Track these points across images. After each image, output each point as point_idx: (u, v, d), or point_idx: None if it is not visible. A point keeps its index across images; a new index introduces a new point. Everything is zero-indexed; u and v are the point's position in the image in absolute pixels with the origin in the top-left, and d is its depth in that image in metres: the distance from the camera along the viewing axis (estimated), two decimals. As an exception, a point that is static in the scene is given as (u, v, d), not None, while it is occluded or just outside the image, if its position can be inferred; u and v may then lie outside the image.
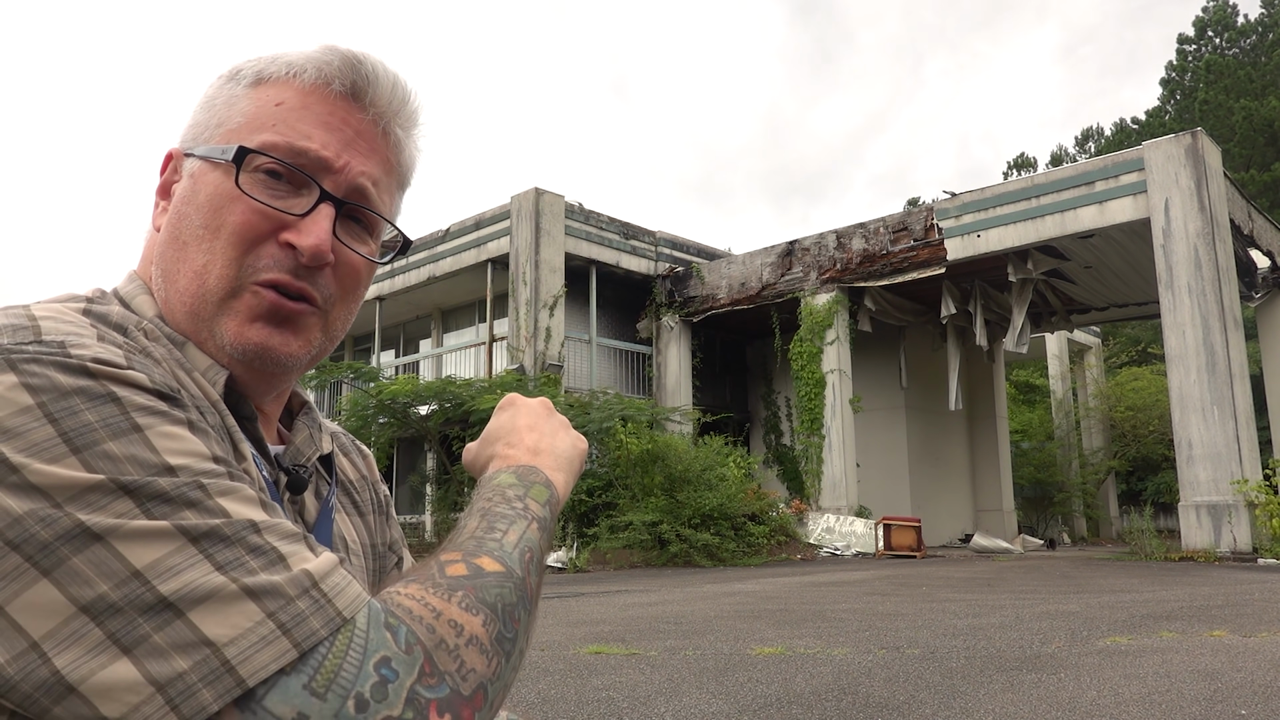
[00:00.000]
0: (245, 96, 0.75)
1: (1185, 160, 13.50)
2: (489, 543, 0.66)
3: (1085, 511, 23.43)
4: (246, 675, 0.49)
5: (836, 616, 6.59)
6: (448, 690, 0.54)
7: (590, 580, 10.76)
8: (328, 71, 0.75)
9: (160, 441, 0.55)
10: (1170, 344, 13.45)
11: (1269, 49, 36.98)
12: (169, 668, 0.48)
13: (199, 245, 0.71)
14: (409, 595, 0.58)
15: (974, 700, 3.72)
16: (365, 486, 0.93)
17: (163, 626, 0.49)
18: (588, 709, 3.68)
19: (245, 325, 0.71)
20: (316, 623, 0.53)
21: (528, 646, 0.65)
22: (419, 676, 0.53)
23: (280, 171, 0.72)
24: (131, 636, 0.49)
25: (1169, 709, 3.50)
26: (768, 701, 3.75)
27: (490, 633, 0.59)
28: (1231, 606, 6.74)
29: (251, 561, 0.53)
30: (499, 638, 0.59)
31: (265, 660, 0.50)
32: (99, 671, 0.48)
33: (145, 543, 0.51)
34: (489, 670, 0.58)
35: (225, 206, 0.71)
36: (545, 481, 0.78)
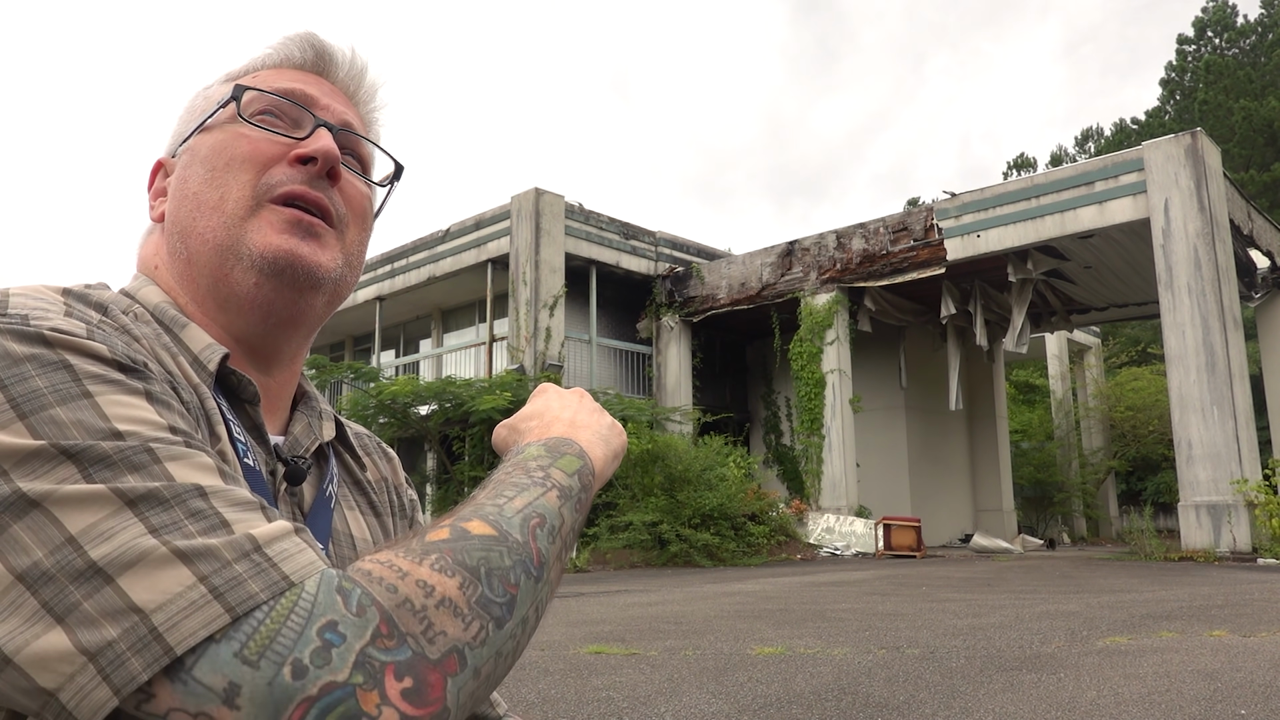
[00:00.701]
0: (219, 88, 0.79)
1: (1185, 160, 13.50)
2: (486, 508, 0.61)
3: (1085, 511, 23.43)
4: (174, 643, 0.46)
5: (836, 616, 6.59)
6: (409, 653, 0.49)
7: (590, 580, 10.76)
8: (288, 49, 0.81)
9: (111, 408, 0.53)
10: (1170, 344, 13.45)
11: (1268, 49, 36.97)
12: (99, 636, 0.46)
13: (211, 185, 0.74)
14: (375, 560, 0.54)
15: (974, 700, 3.72)
16: (386, 489, 0.90)
17: (93, 593, 0.47)
18: (588, 709, 3.68)
19: (271, 235, 0.72)
20: (255, 586, 0.49)
21: (535, 616, 0.59)
22: (372, 639, 0.49)
23: (273, 110, 0.76)
24: (63, 605, 0.47)
25: (1169, 709, 3.50)
26: (768, 701, 3.75)
27: (469, 595, 0.53)
28: (1231, 606, 6.74)
29: (189, 525, 0.50)
30: (482, 600, 0.54)
31: (194, 626, 0.47)
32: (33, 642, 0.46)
33: (80, 507, 0.49)
34: (466, 634, 0.52)
35: (229, 145, 0.74)
36: (579, 452, 0.73)
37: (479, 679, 0.53)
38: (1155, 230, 13.66)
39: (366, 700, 0.47)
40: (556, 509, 0.64)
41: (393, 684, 0.48)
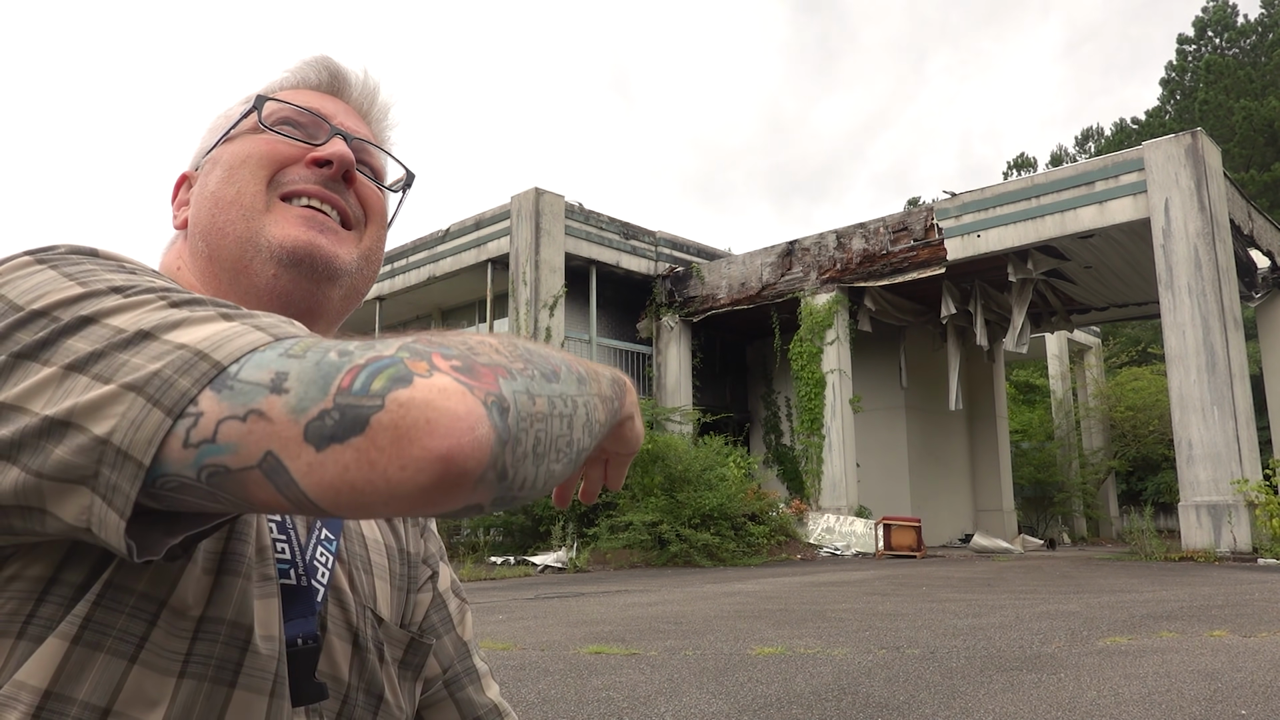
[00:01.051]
0: (241, 105, 0.82)
1: (1185, 160, 13.50)
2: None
3: (1085, 511, 23.43)
4: (221, 357, 0.47)
5: (836, 616, 6.59)
6: (456, 351, 0.47)
7: (590, 580, 10.76)
8: (305, 72, 0.84)
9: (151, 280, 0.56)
10: (1170, 344, 13.45)
11: (1269, 49, 36.97)
12: (144, 373, 0.47)
13: (228, 183, 0.76)
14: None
15: (974, 700, 3.72)
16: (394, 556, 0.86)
17: (140, 350, 0.48)
18: (588, 709, 3.68)
19: (290, 228, 0.74)
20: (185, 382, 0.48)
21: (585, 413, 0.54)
22: (412, 339, 0.48)
23: (292, 120, 0.79)
24: (112, 368, 0.48)
25: (1169, 709, 3.50)
26: (768, 701, 3.75)
27: (508, 351, 0.51)
28: (1231, 606, 6.74)
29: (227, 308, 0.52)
30: (524, 355, 0.51)
31: (241, 344, 0.47)
32: (83, 399, 0.47)
33: (132, 311, 0.51)
34: (512, 363, 0.49)
35: (249, 148, 0.77)
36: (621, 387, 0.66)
37: (533, 405, 0.48)
38: (1155, 230, 13.66)
39: (416, 365, 0.45)
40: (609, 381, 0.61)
41: (441, 360, 0.46)
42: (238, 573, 0.60)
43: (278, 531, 0.67)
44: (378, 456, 0.43)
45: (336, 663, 0.68)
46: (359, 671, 0.70)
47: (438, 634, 0.84)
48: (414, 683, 0.77)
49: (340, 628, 0.70)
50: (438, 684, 0.83)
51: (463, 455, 0.43)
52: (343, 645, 0.69)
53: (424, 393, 0.43)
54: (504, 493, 0.46)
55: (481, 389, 0.45)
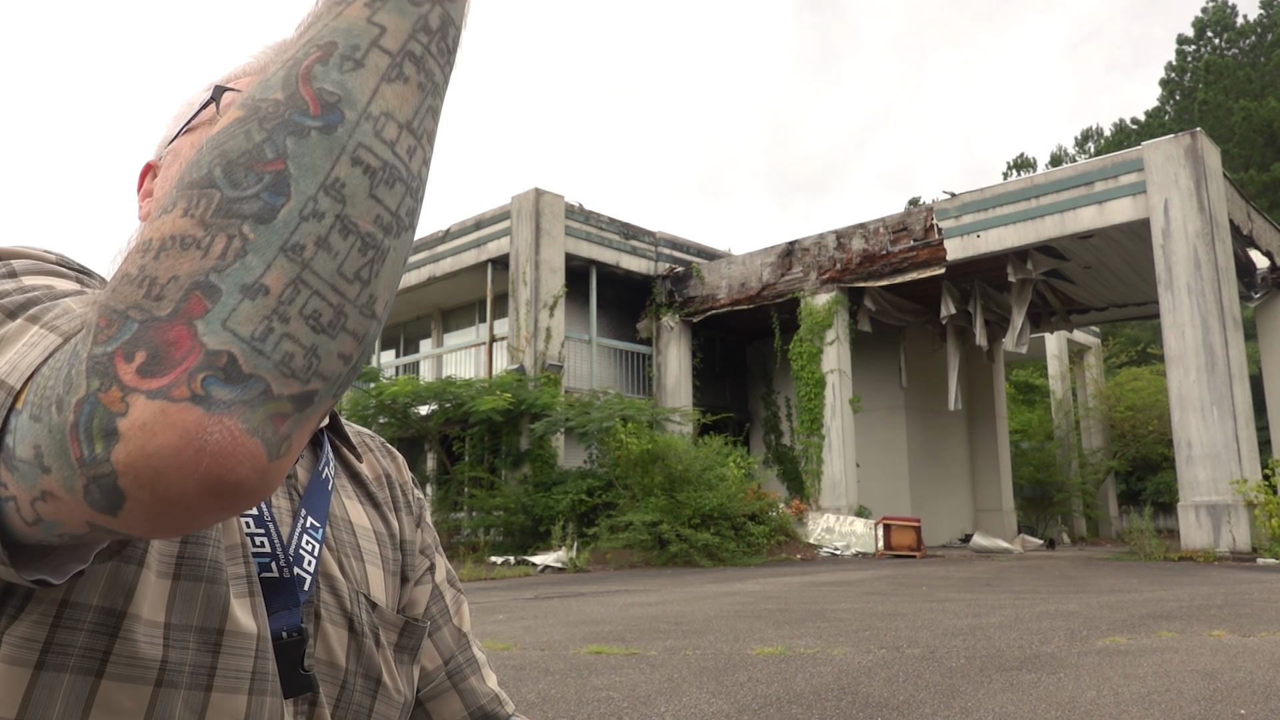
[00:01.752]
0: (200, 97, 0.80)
1: (1185, 160, 13.50)
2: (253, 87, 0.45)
3: (1085, 511, 23.43)
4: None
5: (836, 616, 6.59)
6: (135, 326, 0.40)
7: (590, 580, 10.76)
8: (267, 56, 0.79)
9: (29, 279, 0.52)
10: (1170, 344, 13.45)
11: (1268, 49, 36.98)
12: None
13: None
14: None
15: (974, 700, 3.72)
16: (386, 485, 0.88)
17: None
18: (588, 709, 3.69)
19: None
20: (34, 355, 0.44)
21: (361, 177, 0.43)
22: (94, 337, 0.41)
23: None
24: None
25: (1169, 709, 3.51)
26: (768, 701, 3.75)
27: (199, 214, 0.41)
28: (1231, 606, 6.74)
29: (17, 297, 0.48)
30: (222, 207, 0.41)
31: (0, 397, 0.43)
32: None
33: None
34: (207, 261, 0.41)
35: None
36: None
37: (268, 294, 0.41)
38: (1155, 230, 13.66)
39: (110, 400, 0.40)
40: (362, 22, 0.45)
41: (125, 368, 0.40)
42: (199, 577, 0.59)
43: (255, 525, 0.66)
44: (156, 511, 0.40)
45: (333, 649, 0.68)
46: (356, 656, 0.70)
47: (437, 626, 0.83)
48: (411, 665, 0.77)
49: (334, 614, 0.69)
50: (440, 675, 0.83)
51: (214, 474, 0.39)
52: (338, 631, 0.69)
53: (134, 442, 0.39)
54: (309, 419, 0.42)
55: (179, 381, 0.40)
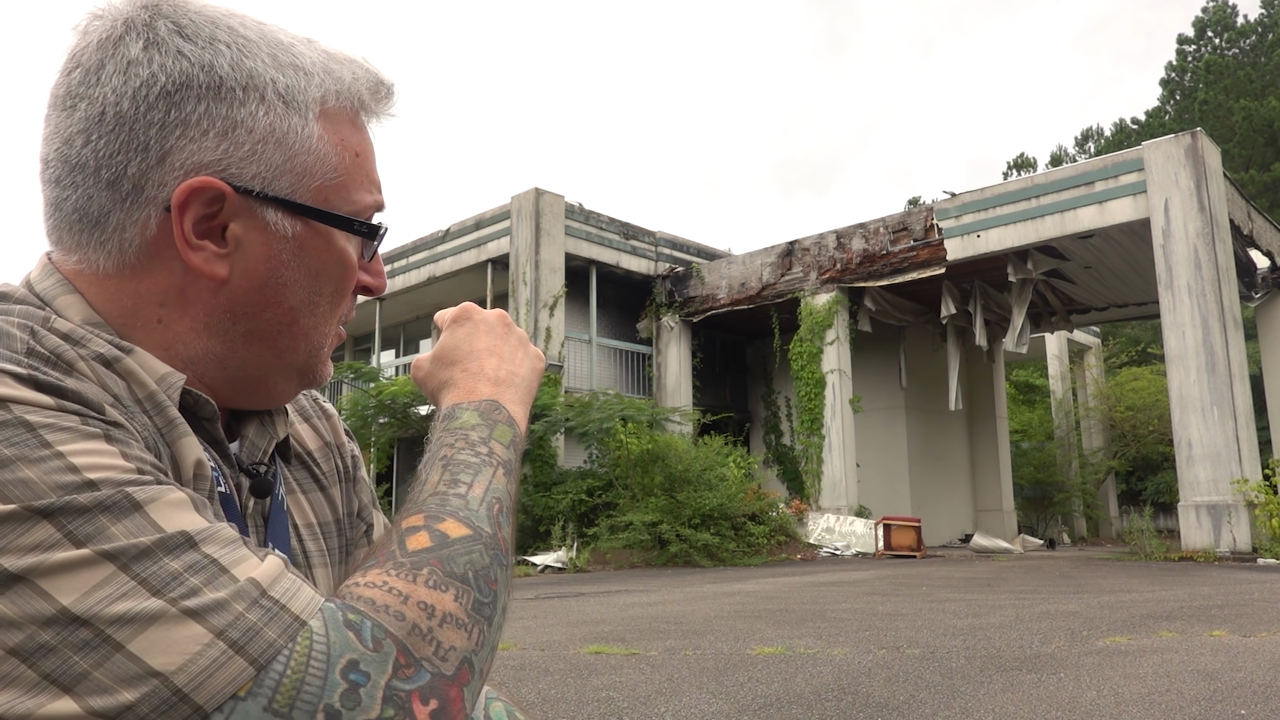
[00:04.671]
0: (320, 139, 0.68)
1: (1185, 160, 13.50)
2: (453, 500, 0.62)
3: (1085, 511, 23.42)
4: (203, 701, 0.45)
5: (836, 616, 6.59)
6: (428, 676, 0.51)
7: (590, 580, 10.76)
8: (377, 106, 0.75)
9: (77, 458, 0.50)
10: (1170, 344, 13.45)
11: (1269, 49, 36.96)
12: (115, 701, 0.45)
13: (312, 311, 0.71)
14: (370, 584, 0.54)
15: (974, 700, 3.72)
16: (329, 454, 0.87)
17: (102, 662, 0.45)
18: (588, 709, 3.68)
19: (328, 365, 0.76)
20: (272, 633, 0.48)
21: (509, 600, 0.62)
22: (394, 671, 0.50)
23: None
24: (69, 675, 0.45)
25: (1169, 709, 3.50)
26: (768, 701, 3.75)
27: (465, 604, 0.55)
28: (1231, 606, 6.74)
29: (191, 579, 0.48)
30: (476, 606, 0.56)
31: (220, 684, 0.46)
32: (41, 709, 0.45)
33: (71, 575, 0.46)
34: (471, 643, 0.55)
35: (346, 275, 0.72)
36: (509, 420, 0.74)
37: (482, 677, 0.56)
38: (1155, 230, 13.66)
39: None
40: (506, 488, 0.67)
41: (420, 709, 0.50)
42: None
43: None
44: None
45: None
46: None
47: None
48: None
49: None
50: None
51: None
52: None
53: None
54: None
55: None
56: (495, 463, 0.68)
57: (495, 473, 0.67)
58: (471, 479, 0.65)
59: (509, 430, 0.73)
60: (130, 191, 0.63)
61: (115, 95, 0.62)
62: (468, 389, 0.76)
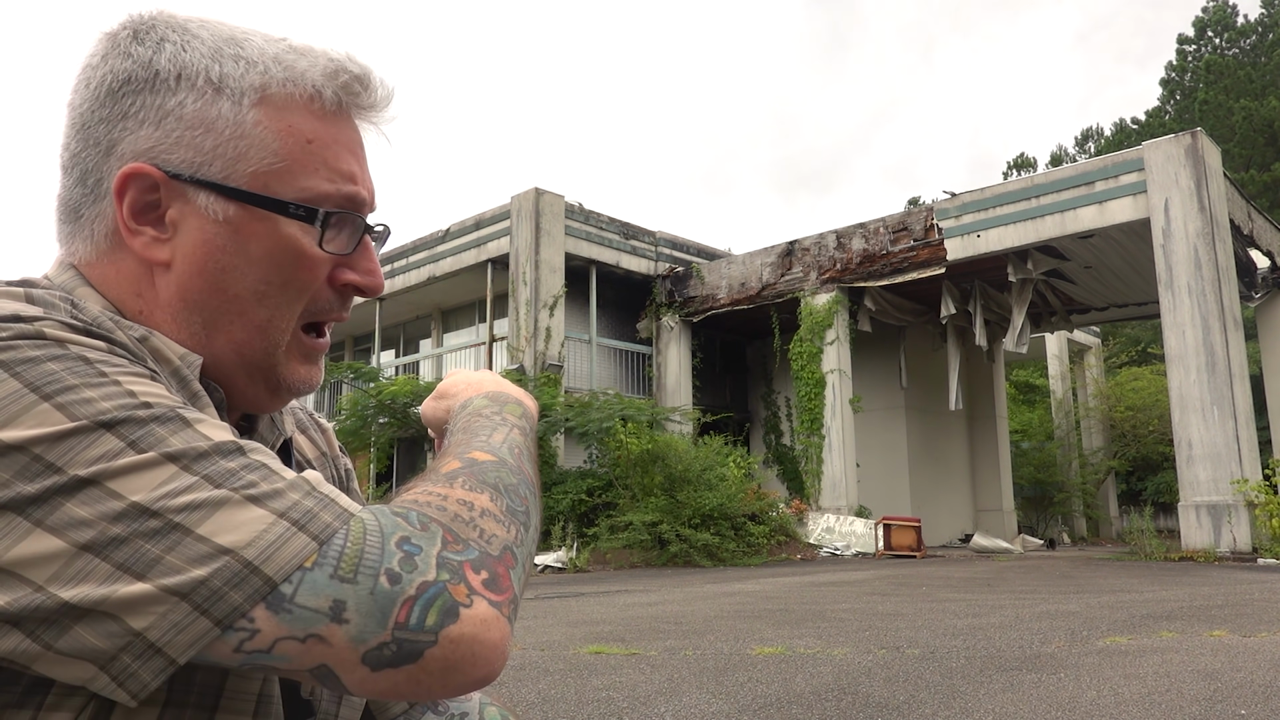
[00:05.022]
0: (258, 125, 0.67)
1: (1185, 160, 13.50)
2: (476, 443, 0.67)
3: (1085, 511, 23.42)
4: (273, 573, 0.49)
5: (836, 616, 6.59)
6: (477, 552, 0.55)
7: (590, 580, 10.76)
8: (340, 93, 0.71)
9: (131, 384, 0.55)
10: (1170, 344, 13.45)
11: (1269, 49, 36.96)
12: (189, 578, 0.48)
13: (260, 302, 0.68)
14: (413, 491, 0.59)
15: (974, 700, 3.72)
16: (325, 464, 0.89)
17: (173, 547, 0.49)
18: (588, 709, 3.68)
19: (299, 368, 0.73)
20: (328, 516, 0.53)
21: (539, 528, 0.66)
22: (443, 545, 0.54)
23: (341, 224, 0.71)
24: (143, 562, 0.48)
25: (1169, 709, 3.50)
26: (768, 701, 3.75)
27: (500, 505, 0.60)
28: (1231, 606, 6.73)
29: (248, 475, 0.53)
30: (509, 510, 0.61)
31: (288, 556, 0.50)
32: (117, 592, 0.48)
33: (139, 475, 0.50)
34: (510, 535, 0.59)
35: (292, 263, 0.68)
36: (517, 400, 0.79)
37: (526, 572, 0.59)
38: (1155, 230, 13.66)
39: (457, 592, 0.53)
40: (523, 442, 0.71)
41: (473, 576, 0.54)
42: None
43: None
44: (426, 679, 0.52)
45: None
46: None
47: None
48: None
49: None
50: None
51: (495, 672, 0.54)
52: None
53: (470, 627, 0.52)
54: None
55: (506, 603, 0.55)
56: (510, 424, 0.73)
57: (511, 430, 0.72)
58: (490, 432, 0.70)
59: (518, 407, 0.77)
60: (93, 185, 0.68)
61: (79, 99, 0.69)
62: (475, 388, 0.81)
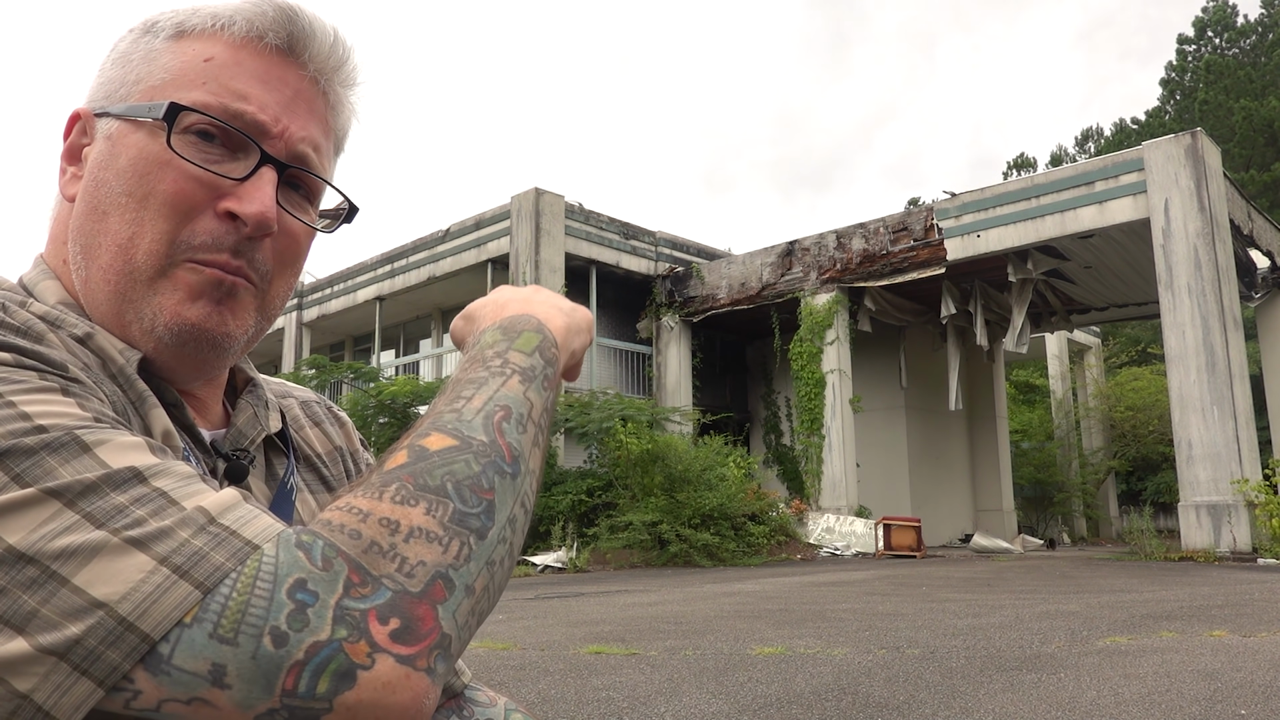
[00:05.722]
0: (167, 50, 0.68)
1: (1185, 160, 13.50)
2: (445, 415, 0.58)
3: (1085, 511, 23.43)
4: (149, 629, 0.45)
5: (836, 616, 6.59)
6: (389, 594, 0.48)
7: (590, 580, 10.76)
8: (260, 24, 0.68)
9: (29, 406, 0.51)
10: (1170, 344, 13.45)
11: (1269, 49, 36.96)
12: (63, 635, 0.44)
13: (122, 215, 0.65)
14: (335, 508, 0.52)
15: (974, 700, 3.72)
16: (339, 458, 0.86)
17: (49, 598, 0.45)
18: (588, 709, 3.68)
19: (183, 304, 0.65)
20: (219, 557, 0.47)
21: (523, 511, 0.58)
22: (345, 590, 0.47)
23: (214, 132, 0.66)
24: (20, 614, 0.45)
25: (1169, 709, 3.50)
26: (768, 701, 3.75)
27: (439, 516, 0.51)
28: (1231, 606, 6.74)
29: (136, 511, 0.48)
30: (456, 518, 0.52)
31: (165, 610, 0.45)
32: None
33: (17, 514, 0.46)
34: (447, 556, 0.50)
35: (154, 171, 0.65)
36: (536, 326, 0.69)
37: (474, 595, 0.51)
38: (1155, 230, 13.66)
39: (356, 652, 0.46)
40: (521, 394, 0.62)
41: (379, 629, 0.47)
42: None
43: None
44: None
45: None
46: None
47: None
48: None
49: None
50: None
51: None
52: None
53: (370, 693, 0.46)
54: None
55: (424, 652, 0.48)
56: (508, 372, 0.63)
57: (505, 382, 0.62)
58: (473, 393, 0.61)
59: (534, 336, 0.67)
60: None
61: None
62: (493, 315, 0.72)
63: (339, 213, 0.78)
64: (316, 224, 0.74)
